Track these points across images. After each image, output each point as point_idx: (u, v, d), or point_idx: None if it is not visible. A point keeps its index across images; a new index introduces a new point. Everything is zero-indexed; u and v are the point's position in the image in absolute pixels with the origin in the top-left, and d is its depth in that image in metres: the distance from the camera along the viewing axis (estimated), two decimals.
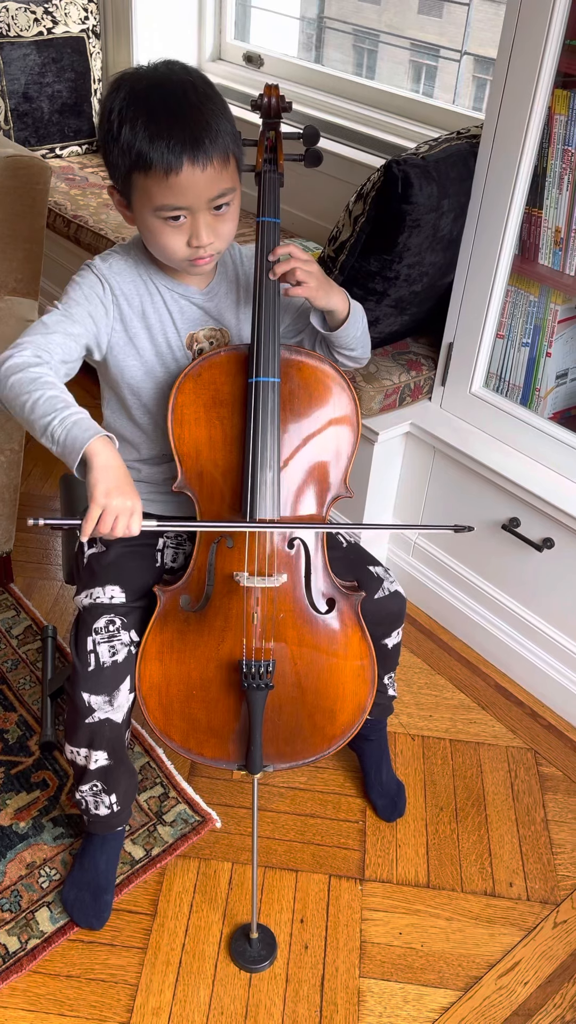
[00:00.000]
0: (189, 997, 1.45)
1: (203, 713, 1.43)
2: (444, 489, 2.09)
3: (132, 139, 1.21)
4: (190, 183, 1.23)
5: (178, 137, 1.20)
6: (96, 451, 1.18)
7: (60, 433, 1.19)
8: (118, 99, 1.24)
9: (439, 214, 1.81)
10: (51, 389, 1.22)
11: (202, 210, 1.26)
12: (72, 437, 1.18)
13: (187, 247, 1.29)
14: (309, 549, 1.40)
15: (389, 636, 1.57)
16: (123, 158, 1.24)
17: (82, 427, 1.19)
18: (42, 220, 1.82)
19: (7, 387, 1.23)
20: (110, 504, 1.18)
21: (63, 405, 1.21)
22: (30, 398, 1.21)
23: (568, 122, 1.68)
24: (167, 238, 1.28)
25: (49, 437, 1.20)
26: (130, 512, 1.20)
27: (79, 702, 1.38)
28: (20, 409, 1.22)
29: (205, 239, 1.28)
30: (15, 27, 2.99)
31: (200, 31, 3.21)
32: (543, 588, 1.95)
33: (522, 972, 1.53)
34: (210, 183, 1.24)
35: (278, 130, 1.42)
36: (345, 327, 1.41)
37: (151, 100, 1.22)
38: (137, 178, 1.25)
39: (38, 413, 1.20)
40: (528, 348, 1.93)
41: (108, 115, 1.25)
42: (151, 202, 1.25)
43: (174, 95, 1.22)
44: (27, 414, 1.21)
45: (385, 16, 2.97)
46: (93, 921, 1.52)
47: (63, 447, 1.19)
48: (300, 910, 1.59)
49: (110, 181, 1.32)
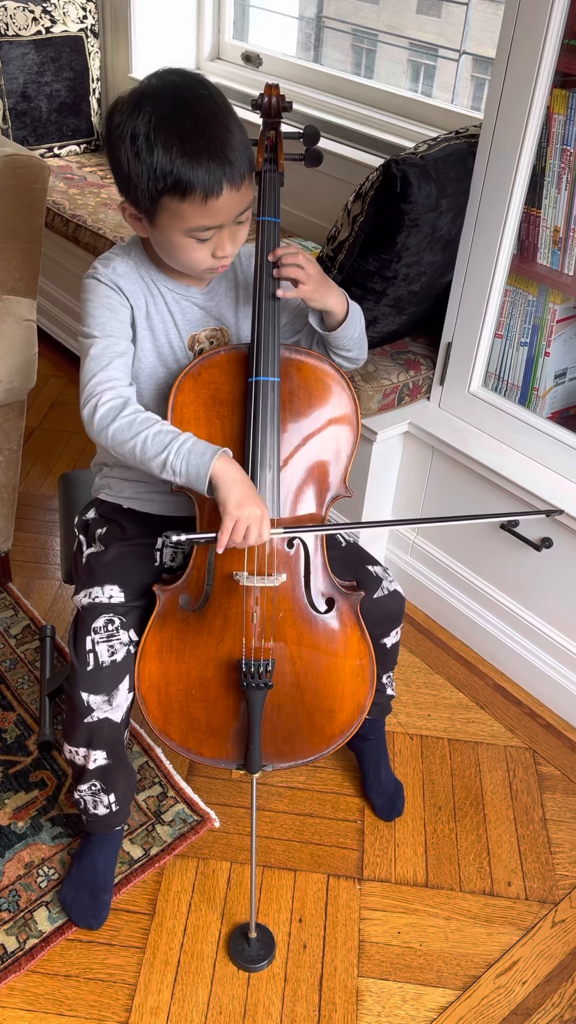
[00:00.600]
0: (187, 997, 1.45)
1: (202, 712, 1.43)
2: (443, 488, 2.09)
3: (168, 165, 1.20)
4: (226, 204, 1.24)
5: (217, 162, 1.20)
6: (219, 471, 1.24)
7: (180, 466, 1.24)
8: (142, 122, 1.21)
9: (438, 213, 1.81)
10: (151, 426, 1.26)
11: (229, 224, 1.27)
12: (194, 467, 1.24)
13: (211, 258, 1.30)
14: (309, 549, 1.40)
15: (388, 635, 1.58)
16: (155, 183, 1.22)
17: (198, 452, 1.24)
18: (40, 219, 1.82)
19: (109, 438, 1.28)
20: (243, 515, 1.23)
21: (171, 438, 1.25)
22: (136, 443, 1.25)
23: (567, 121, 1.69)
24: (192, 253, 1.29)
25: (170, 473, 1.25)
26: (259, 520, 1.25)
27: (78, 702, 1.38)
28: (131, 455, 1.27)
29: (229, 249, 1.30)
30: (13, 26, 2.99)
31: (199, 30, 3.21)
32: (542, 588, 1.95)
33: (520, 971, 1.53)
34: (241, 200, 1.26)
35: (278, 130, 1.42)
36: (343, 328, 1.41)
37: (182, 124, 1.20)
38: (169, 201, 1.24)
39: (150, 454, 1.25)
40: (527, 347, 1.94)
41: (132, 138, 1.22)
42: (183, 224, 1.25)
43: (204, 117, 1.21)
44: (140, 457, 1.26)
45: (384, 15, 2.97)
46: (91, 921, 1.52)
47: (187, 478, 1.25)
48: (299, 909, 1.59)
49: (123, 198, 1.30)
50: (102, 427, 1.28)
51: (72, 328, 3.00)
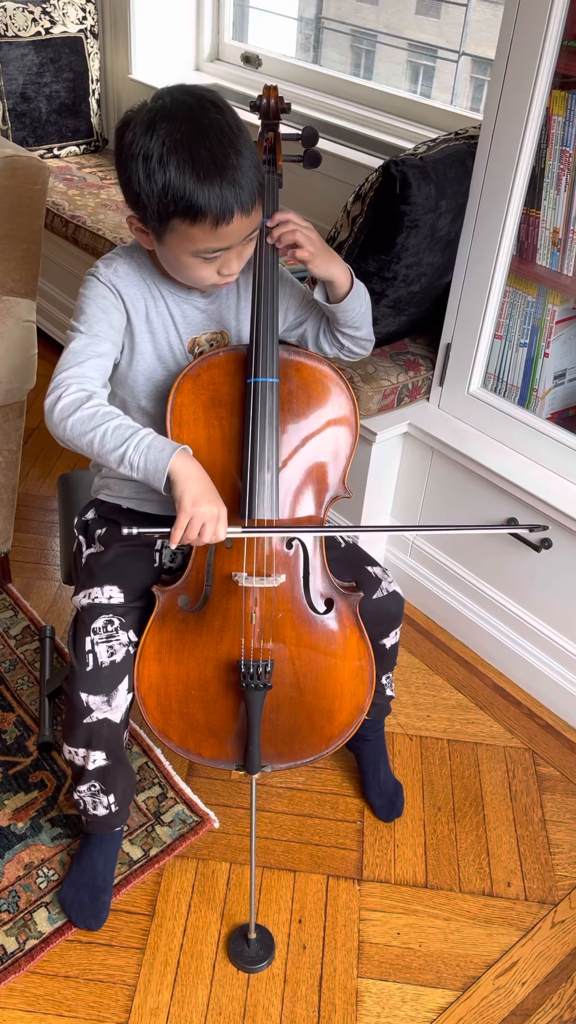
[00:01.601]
0: (187, 997, 1.45)
1: (201, 713, 1.43)
2: (442, 489, 2.09)
3: (181, 190, 1.19)
4: (236, 229, 1.24)
5: (229, 190, 1.20)
6: (178, 466, 1.22)
7: (138, 461, 1.23)
8: (155, 143, 1.20)
9: (437, 215, 1.81)
10: (112, 419, 1.25)
11: (236, 245, 1.27)
12: (152, 461, 1.22)
13: (216, 275, 1.30)
14: (308, 549, 1.40)
15: (387, 636, 1.58)
16: (165, 205, 1.22)
17: (157, 448, 1.23)
18: (40, 220, 1.82)
19: (67, 430, 1.26)
20: (197, 512, 1.22)
21: (131, 432, 1.24)
22: (95, 435, 1.24)
23: (566, 123, 1.69)
24: (199, 271, 1.29)
25: (128, 467, 1.24)
26: (216, 519, 1.24)
27: (77, 702, 1.38)
28: (88, 447, 1.25)
29: (236, 268, 1.30)
30: (13, 27, 2.99)
31: (198, 31, 3.21)
32: (541, 588, 1.95)
33: (520, 972, 1.53)
34: (250, 224, 1.26)
35: (277, 131, 1.42)
36: (348, 300, 1.41)
37: (195, 147, 1.19)
38: (178, 223, 1.23)
39: (108, 447, 1.24)
40: (526, 348, 1.94)
41: (144, 159, 1.20)
42: (191, 245, 1.25)
43: (219, 143, 1.20)
44: (97, 450, 1.25)
45: (383, 16, 2.97)
46: (91, 921, 1.52)
47: (144, 472, 1.23)
48: (298, 910, 1.59)
49: (131, 212, 1.29)
50: (62, 418, 1.25)
51: None
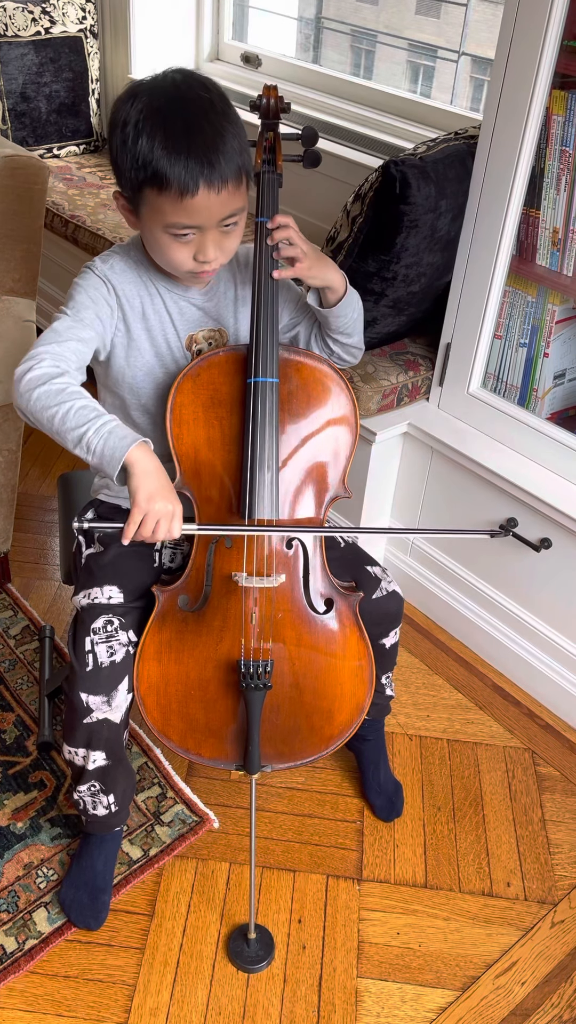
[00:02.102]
0: (187, 997, 1.45)
1: (201, 713, 1.43)
2: (442, 489, 2.09)
3: (149, 155, 1.20)
4: (204, 205, 1.23)
5: (195, 160, 1.19)
6: (136, 458, 1.19)
7: (97, 444, 1.20)
8: (134, 110, 1.21)
9: (437, 214, 1.81)
10: (79, 399, 1.22)
11: (211, 229, 1.26)
12: (110, 447, 1.19)
13: (192, 261, 1.29)
14: (308, 549, 1.40)
15: (387, 636, 1.58)
16: (137, 172, 1.23)
17: (118, 435, 1.20)
18: (40, 220, 1.82)
19: (31, 400, 1.22)
20: (152, 508, 1.20)
21: (95, 415, 1.21)
22: (59, 411, 1.21)
23: (566, 123, 1.69)
24: (173, 252, 1.28)
25: (84, 448, 1.20)
26: (171, 516, 1.21)
27: (77, 702, 1.38)
28: (48, 422, 1.22)
29: (211, 255, 1.28)
30: (12, 26, 2.99)
31: (198, 31, 3.21)
32: (541, 588, 1.95)
33: (519, 972, 1.53)
34: (223, 205, 1.24)
35: (277, 131, 1.42)
36: (341, 306, 1.41)
37: (170, 117, 1.20)
38: (149, 193, 1.24)
39: (69, 425, 1.21)
40: (526, 348, 1.94)
41: (123, 125, 1.23)
42: (162, 219, 1.25)
43: (194, 114, 1.21)
44: (57, 426, 1.21)
45: (383, 16, 2.97)
46: (91, 921, 1.52)
47: (101, 457, 1.20)
48: (298, 910, 1.59)
49: (117, 187, 1.31)
50: (29, 388, 1.22)
51: None
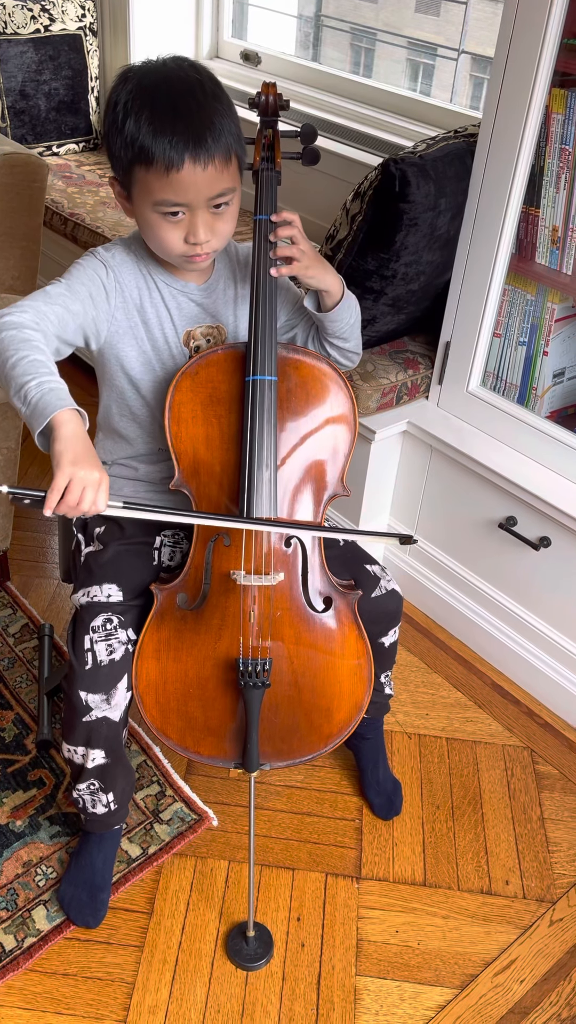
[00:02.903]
0: (186, 995, 1.45)
1: (200, 711, 1.43)
2: (441, 488, 2.09)
3: (136, 132, 1.22)
4: (190, 181, 1.23)
5: (181, 134, 1.21)
6: (65, 420, 1.15)
7: (34, 395, 1.17)
8: (124, 91, 1.24)
9: (436, 213, 1.81)
10: (40, 354, 1.21)
11: (201, 208, 1.26)
12: (45, 402, 1.16)
13: (184, 243, 1.29)
14: (306, 548, 1.40)
15: (386, 635, 1.58)
16: (125, 150, 1.24)
17: (57, 395, 1.17)
18: (39, 218, 1.82)
19: None
20: (76, 474, 1.11)
21: (47, 372, 1.20)
22: (15, 355, 1.19)
23: (565, 121, 1.68)
24: (164, 232, 1.29)
25: (22, 397, 1.17)
26: (97, 484, 1.13)
27: (76, 701, 1.38)
28: (1, 364, 1.20)
29: (202, 236, 1.28)
30: (12, 24, 2.99)
31: (197, 29, 3.20)
32: (540, 587, 1.95)
33: (518, 970, 1.53)
34: (210, 182, 1.24)
35: (276, 128, 1.42)
36: (338, 310, 1.41)
37: (157, 95, 1.22)
38: (138, 171, 1.25)
39: (18, 371, 1.18)
40: (525, 347, 1.94)
41: (113, 106, 1.25)
42: (150, 196, 1.26)
43: (180, 91, 1.23)
44: (7, 370, 1.19)
45: (383, 14, 2.97)
46: (89, 919, 1.52)
47: (33, 409, 1.16)
48: (297, 908, 1.59)
49: (111, 173, 1.32)
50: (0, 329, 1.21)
51: None
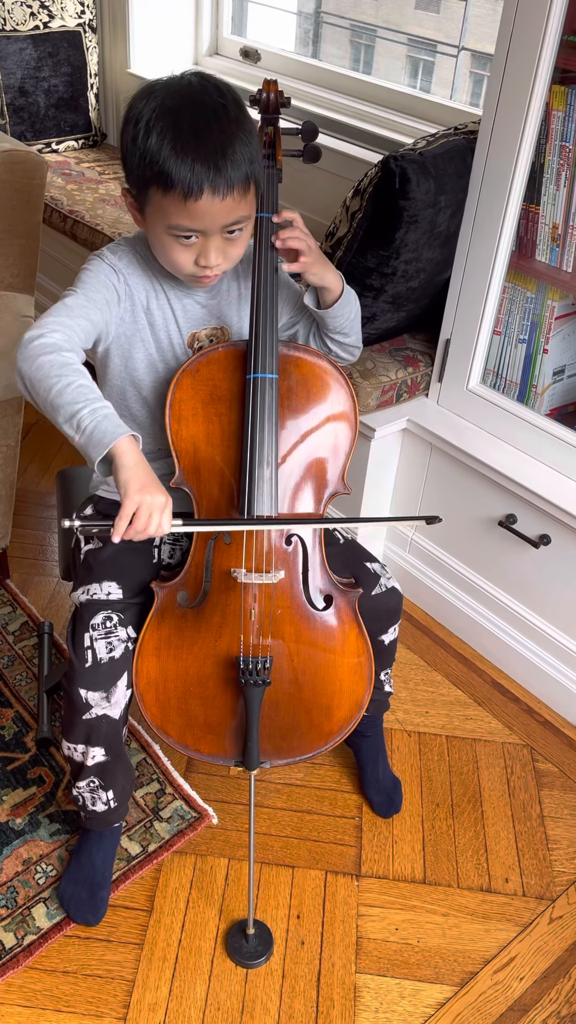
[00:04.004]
0: (185, 993, 1.45)
1: (200, 709, 1.43)
2: (441, 485, 2.09)
3: (156, 155, 1.20)
4: (207, 210, 1.22)
5: (201, 163, 1.19)
6: (125, 449, 1.17)
7: (89, 423, 1.17)
8: (148, 108, 1.21)
9: (436, 210, 1.81)
10: (83, 377, 1.21)
11: (215, 234, 1.26)
12: (101, 430, 1.17)
13: (194, 264, 1.29)
14: (307, 546, 1.40)
15: (386, 632, 1.58)
16: (143, 169, 1.23)
17: (112, 422, 1.18)
18: (38, 215, 1.82)
19: (35, 366, 1.20)
20: (144, 500, 1.16)
21: (95, 396, 1.20)
22: (60, 382, 1.19)
23: (566, 118, 1.68)
24: (176, 253, 1.28)
25: (75, 425, 1.18)
26: (162, 508, 1.18)
27: (76, 698, 1.38)
28: (46, 392, 1.19)
29: (213, 261, 1.28)
30: (11, 21, 2.98)
31: (197, 26, 3.20)
32: (540, 585, 1.95)
33: (518, 968, 1.53)
34: (227, 211, 1.24)
35: (276, 126, 1.42)
36: (338, 306, 1.41)
37: (181, 118, 1.20)
38: (154, 193, 1.24)
39: (67, 399, 1.18)
40: (525, 344, 1.93)
41: (135, 121, 1.22)
42: (165, 219, 1.25)
43: (205, 117, 1.20)
44: (53, 397, 1.19)
45: (382, 11, 2.96)
46: (89, 917, 1.52)
47: (89, 438, 1.17)
48: (296, 906, 1.59)
49: (125, 183, 1.31)
50: (36, 354, 1.20)
51: None
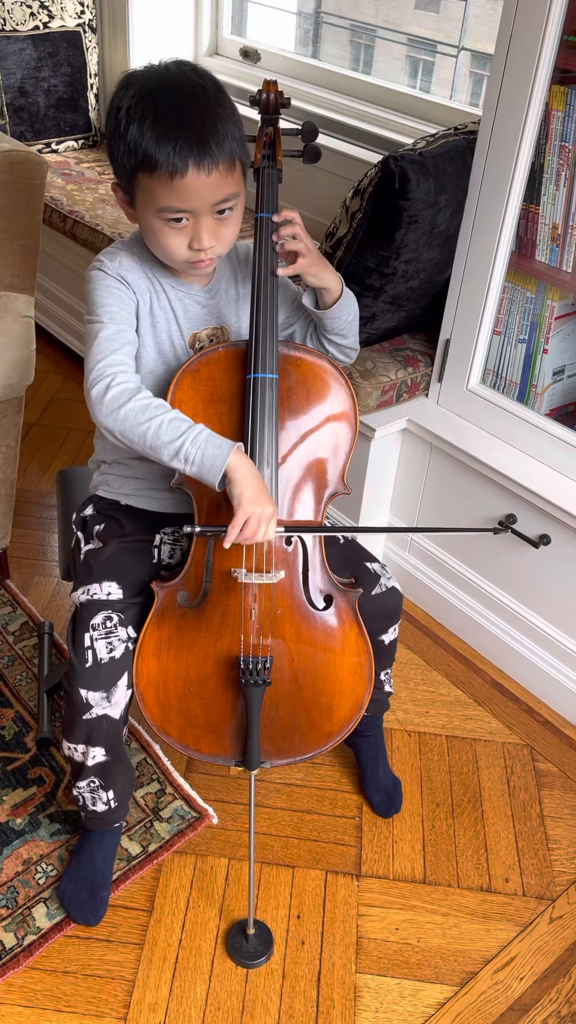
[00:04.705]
0: (186, 993, 1.46)
1: (200, 709, 1.43)
2: (441, 485, 2.09)
3: (139, 139, 1.21)
4: (194, 187, 1.22)
5: (184, 140, 1.20)
6: (236, 465, 1.22)
7: (195, 454, 1.22)
8: (127, 97, 1.23)
9: (436, 210, 1.81)
10: (167, 412, 1.25)
11: (205, 214, 1.26)
12: (211, 457, 1.22)
13: (188, 249, 1.29)
14: (307, 546, 1.40)
15: (386, 632, 1.58)
16: (128, 157, 1.24)
17: (215, 443, 1.23)
18: (38, 215, 1.82)
19: (120, 419, 1.24)
20: (256, 511, 1.23)
21: (187, 426, 1.24)
22: (151, 426, 1.23)
23: (565, 118, 1.68)
24: (168, 239, 1.28)
25: (182, 460, 1.23)
26: (270, 518, 1.25)
27: (77, 698, 1.38)
28: (141, 438, 1.24)
29: (206, 242, 1.28)
30: (11, 21, 2.98)
31: (197, 26, 3.20)
32: (540, 585, 1.95)
33: (518, 967, 1.53)
34: (214, 188, 1.24)
35: (276, 126, 1.42)
36: (337, 308, 1.41)
37: (159, 100, 1.21)
38: (142, 178, 1.24)
39: (164, 439, 1.23)
40: (525, 344, 1.93)
41: (116, 112, 1.24)
42: (154, 203, 1.25)
43: (183, 97, 1.22)
44: (151, 441, 1.23)
45: (382, 11, 2.96)
46: (90, 917, 1.52)
47: (200, 467, 1.23)
48: (297, 906, 1.59)
49: (114, 178, 1.32)
50: (113, 408, 1.24)
51: (70, 325, 3.00)
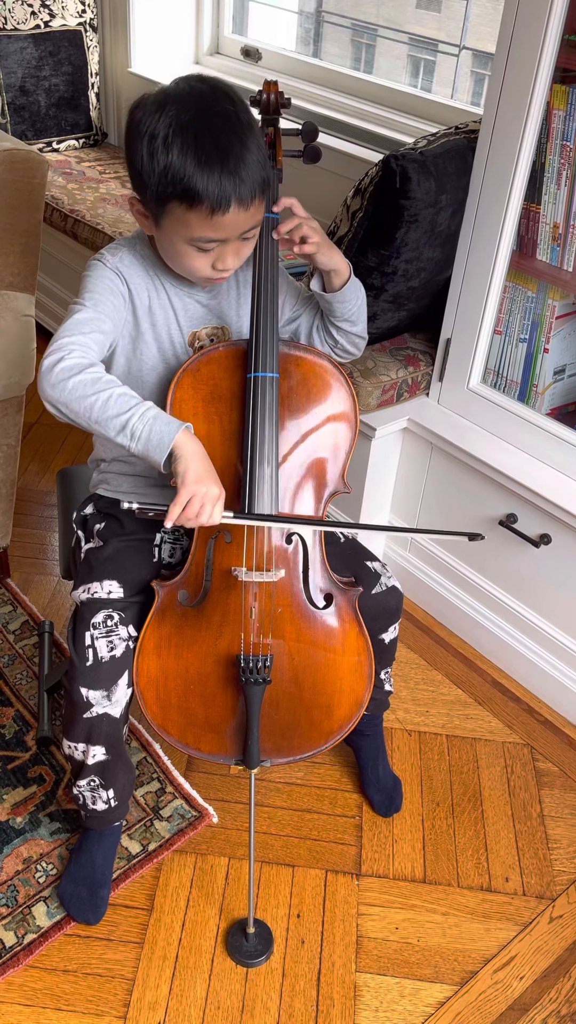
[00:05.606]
0: (186, 992, 1.46)
1: (200, 708, 1.43)
2: (441, 485, 2.09)
3: (180, 171, 1.20)
4: (232, 222, 1.23)
5: (228, 179, 1.20)
6: (183, 441, 1.21)
7: (142, 429, 1.20)
8: (162, 124, 1.20)
9: (437, 209, 1.81)
10: (116, 387, 1.22)
11: (234, 240, 1.27)
12: (157, 432, 1.20)
13: (210, 269, 1.30)
14: (307, 544, 1.40)
15: (386, 631, 1.58)
16: (164, 186, 1.22)
17: (163, 420, 1.21)
18: (39, 214, 1.82)
19: (67, 390, 1.21)
20: (199, 491, 1.20)
21: (136, 401, 1.22)
22: (98, 399, 1.21)
23: (567, 117, 1.68)
24: (193, 261, 1.29)
25: (128, 435, 1.21)
26: (215, 499, 1.22)
27: (77, 697, 1.38)
28: (87, 411, 1.22)
29: (231, 264, 1.29)
30: (12, 20, 2.98)
31: (197, 25, 3.20)
32: (540, 584, 1.95)
33: (518, 967, 1.53)
34: (248, 219, 1.25)
35: (277, 126, 1.42)
36: (345, 291, 1.41)
37: (200, 133, 1.19)
38: (175, 207, 1.23)
39: (111, 412, 1.20)
40: (526, 344, 1.93)
41: (150, 137, 1.21)
42: (187, 232, 1.25)
43: (224, 132, 1.20)
44: (96, 415, 1.21)
45: (383, 10, 2.96)
46: (90, 916, 1.52)
47: (147, 443, 1.20)
48: (297, 905, 1.59)
49: (134, 193, 1.30)
50: (62, 379, 1.21)
51: None
